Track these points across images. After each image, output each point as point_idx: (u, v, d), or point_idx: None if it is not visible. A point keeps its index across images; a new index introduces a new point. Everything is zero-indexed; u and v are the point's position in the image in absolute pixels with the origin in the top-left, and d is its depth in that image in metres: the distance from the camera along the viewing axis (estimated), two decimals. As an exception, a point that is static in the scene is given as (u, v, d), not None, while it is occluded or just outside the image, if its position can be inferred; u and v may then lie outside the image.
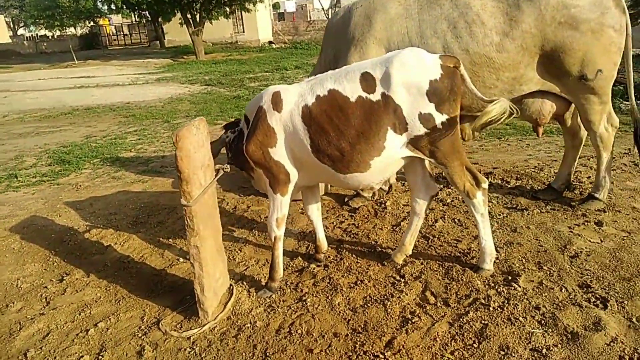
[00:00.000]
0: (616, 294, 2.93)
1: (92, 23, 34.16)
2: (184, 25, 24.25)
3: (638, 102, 8.05)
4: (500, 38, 3.55)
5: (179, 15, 24.30)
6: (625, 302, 2.85)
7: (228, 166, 3.13)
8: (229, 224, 4.37)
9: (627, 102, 8.06)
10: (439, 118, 2.87)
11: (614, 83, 3.79)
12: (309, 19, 37.05)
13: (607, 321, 2.68)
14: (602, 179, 4.00)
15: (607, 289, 2.99)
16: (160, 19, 28.83)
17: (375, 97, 2.86)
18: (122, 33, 44.98)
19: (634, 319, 2.70)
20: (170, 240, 4.15)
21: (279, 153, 3.04)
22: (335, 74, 3.01)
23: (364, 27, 3.90)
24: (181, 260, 3.77)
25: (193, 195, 2.73)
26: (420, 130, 2.88)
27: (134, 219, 4.61)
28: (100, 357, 2.73)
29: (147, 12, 28.85)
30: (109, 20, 44.06)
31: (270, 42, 31.78)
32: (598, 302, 2.88)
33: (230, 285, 3.26)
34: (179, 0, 22.21)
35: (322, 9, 40.26)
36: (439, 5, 3.71)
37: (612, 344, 2.52)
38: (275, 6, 37.24)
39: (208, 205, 2.95)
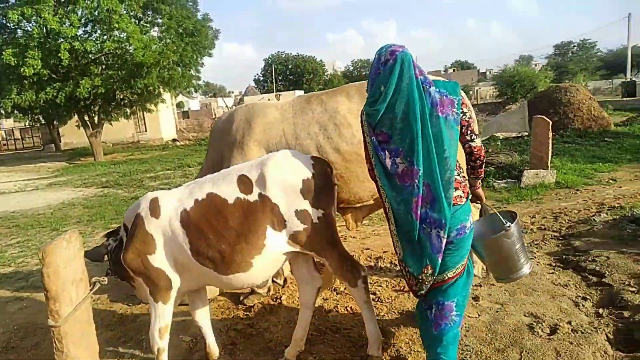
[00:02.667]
0: (493, 366, 3.12)
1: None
2: (82, 127, 23.60)
3: (509, 180, 9.02)
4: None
5: (75, 117, 23.68)
6: (501, 373, 3.04)
7: (106, 278, 3.03)
8: (115, 338, 4.09)
9: (499, 181, 9.04)
10: (315, 213, 3.05)
11: (486, 165, 4.28)
12: (213, 116, 37.93)
13: (486, 394, 2.83)
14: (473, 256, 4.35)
15: (484, 363, 3.19)
16: (55, 122, 27.93)
17: (253, 197, 3.00)
18: (13, 137, 42.72)
19: (508, 389, 2.88)
20: (46, 364, 3.79)
21: (159, 259, 3.01)
22: (213, 178, 3.13)
23: (244, 130, 4.14)
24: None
25: (62, 314, 2.59)
26: (299, 226, 3.03)
27: (4, 345, 4.16)
28: None
29: (40, 116, 27.87)
30: (-1, 125, 41.88)
31: (174, 140, 31.80)
32: (477, 376, 3.04)
33: (110, 408, 3.01)
34: (75, 103, 21.69)
35: (226, 106, 41.56)
36: (310, 110, 4.06)
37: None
38: (179, 105, 37.82)
39: (81, 323, 2.79)
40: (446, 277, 2.73)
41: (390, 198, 2.70)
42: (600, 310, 3.71)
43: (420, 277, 2.71)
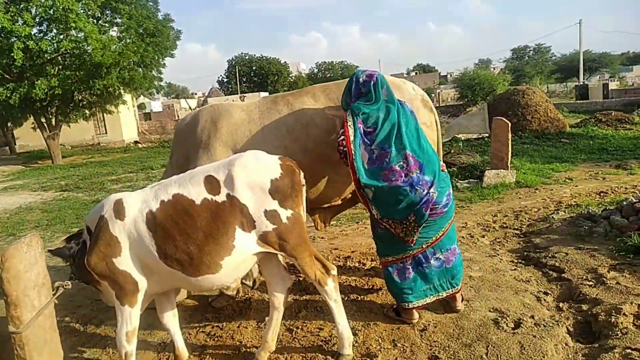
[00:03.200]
0: (460, 361, 3.19)
1: None
2: (38, 129, 22.70)
3: (471, 180, 9.23)
4: (334, 137, 3.95)
5: (31, 119, 22.76)
6: (468, 367, 3.11)
7: (69, 282, 2.94)
8: (79, 343, 3.97)
9: (461, 181, 9.25)
10: (284, 213, 3.05)
11: (448, 165, 4.37)
12: (176, 118, 37.29)
13: (454, 388, 2.89)
14: None
15: (452, 357, 3.25)
16: (9, 124, 26.80)
17: (221, 198, 2.97)
18: (-37, 139, 40.71)
19: (476, 383, 2.95)
20: (4, 374, 3.63)
21: (125, 262, 2.94)
22: (179, 179, 3.09)
23: (210, 132, 4.09)
24: (17, 396, 3.29)
25: (23, 320, 2.50)
26: (268, 226, 3.02)
27: (-40, 355, 3.97)
28: None
29: (-7, 117, 26.68)
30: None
31: (136, 142, 31.11)
32: (446, 371, 3.11)
33: (75, 416, 2.92)
34: (30, 105, 20.83)
35: (189, 108, 40.96)
36: (277, 110, 4.06)
37: (459, 410, 2.71)
38: (141, 106, 36.93)
39: (44, 329, 2.70)
40: (445, 229, 3.67)
41: (363, 173, 3.48)
42: (561, 304, 3.86)
43: (405, 223, 3.46)
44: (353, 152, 3.48)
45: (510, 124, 9.20)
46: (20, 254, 2.56)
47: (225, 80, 68.43)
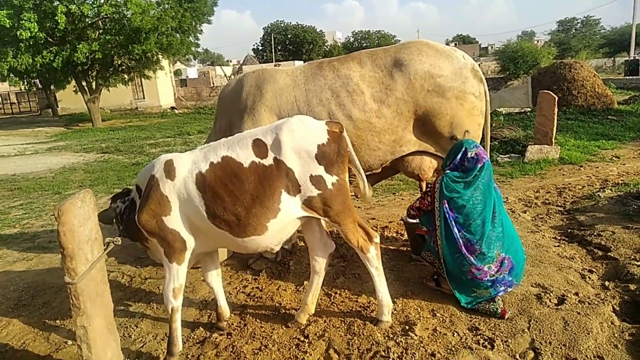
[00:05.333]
0: (501, 334, 3.17)
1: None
2: (79, 93, 23.27)
3: (513, 155, 9.01)
4: (378, 105, 3.89)
5: (73, 82, 23.33)
6: (509, 340, 3.08)
7: (119, 239, 3.01)
8: (125, 298, 4.13)
9: (502, 156, 9.03)
10: (329, 179, 3.04)
11: (490, 139, 4.27)
12: (211, 85, 37.50)
13: (495, 360, 2.87)
14: None
15: (493, 330, 3.23)
16: (52, 87, 27.51)
17: (268, 162, 2.97)
18: (9, 101, 42.13)
19: (517, 356, 2.93)
20: (57, 322, 3.82)
21: (174, 221, 3.01)
22: (227, 142, 3.10)
23: (255, 97, 4.08)
24: (70, 342, 3.47)
25: (78, 272, 2.58)
26: (313, 191, 3.02)
27: (16, 302, 4.20)
28: None
29: (37, 80, 27.43)
30: (-7, 89, 41.24)
31: (172, 108, 31.50)
32: (486, 343, 3.09)
33: (125, 365, 3.05)
34: (72, 68, 21.33)
35: (225, 75, 41.09)
36: (322, 76, 4.01)
37: (499, 381, 2.70)
38: (177, 72, 37.31)
39: (96, 282, 2.79)
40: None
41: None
42: (607, 283, 3.76)
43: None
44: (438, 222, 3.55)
45: (556, 98, 8.84)
46: (75, 208, 2.63)
47: (260, 48, 68.10)
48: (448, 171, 3.51)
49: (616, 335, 3.06)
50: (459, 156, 3.48)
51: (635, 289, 3.59)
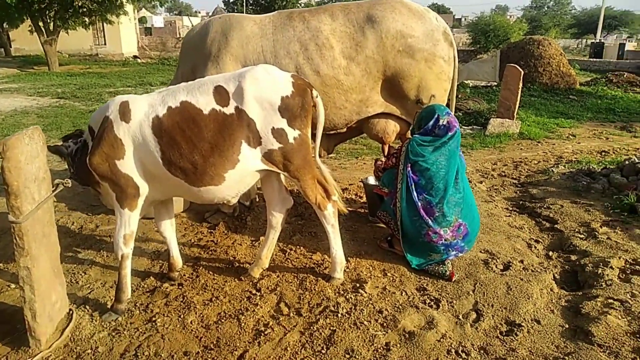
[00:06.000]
0: (447, 295, 3.27)
1: None
2: (35, 33, 21.88)
3: (475, 127, 9.15)
4: (347, 62, 3.82)
5: (28, 21, 21.87)
6: (454, 301, 3.19)
7: (69, 181, 2.90)
8: (74, 244, 4.02)
9: (465, 127, 9.16)
10: (292, 133, 2.99)
11: (456, 110, 4.29)
12: (177, 36, 36.11)
13: (439, 319, 2.97)
14: None
15: (440, 291, 3.33)
16: (5, 25, 25.77)
17: (229, 110, 2.89)
18: (-43, 36, 39.32)
19: (460, 316, 3.04)
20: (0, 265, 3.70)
21: (127, 165, 2.90)
22: (187, 86, 2.99)
23: (220, 44, 3.93)
24: (12, 286, 3.37)
25: (23, 211, 2.48)
26: (274, 144, 2.97)
27: (-44, 244, 4.02)
28: None
29: (-12, 16, 25.61)
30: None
31: (135, 57, 30.23)
32: (432, 303, 3.19)
33: (70, 309, 2.99)
34: (28, 6, 19.93)
35: (192, 26, 39.52)
36: (292, 27, 3.88)
37: (441, 340, 2.80)
38: (142, 20, 35.66)
39: (42, 223, 2.70)
40: None
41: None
42: (550, 253, 3.92)
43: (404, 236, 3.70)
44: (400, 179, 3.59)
45: (522, 73, 8.97)
46: (21, 145, 2.50)
47: (231, 0, 65.65)
48: (417, 135, 3.52)
49: (554, 301, 3.21)
50: (431, 122, 3.49)
51: (576, 259, 3.77)
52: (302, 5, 59.94)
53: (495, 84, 14.32)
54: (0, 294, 3.28)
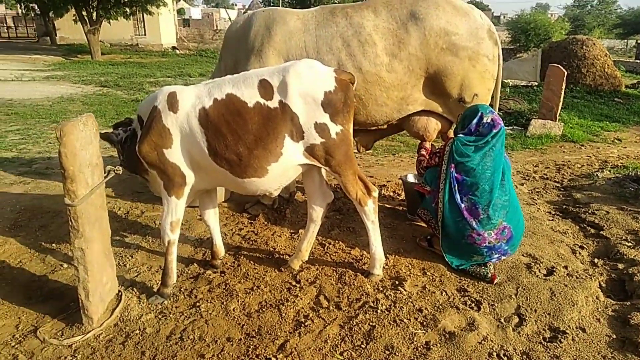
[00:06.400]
0: (488, 298, 3.23)
1: (-31, 10, 30.79)
2: (79, 23, 22.54)
3: (516, 127, 8.94)
4: (390, 59, 3.80)
5: (73, 11, 22.55)
6: (496, 304, 3.15)
7: (120, 168, 2.99)
8: (121, 229, 4.15)
9: (506, 127, 8.96)
10: (334, 128, 3.00)
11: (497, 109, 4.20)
12: (215, 28, 36.58)
13: (480, 322, 2.94)
14: None
15: (481, 293, 3.29)
16: (51, 14, 26.62)
17: (273, 104, 2.92)
18: (5, 25, 40.88)
19: (502, 319, 2.99)
20: (53, 245, 3.85)
21: (175, 155, 2.97)
22: (233, 79, 3.03)
23: (263, 38, 3.96)
24: (65, 265, 3.51)
25: (78, 195, 2.58)
26: (316, 139, 2.98)
27: (12, 223, 4.21)
28: (-39, 371, 2.45)
29: (35, 5, 26.49)
30: (-10, 9, 39.92)
31: (173, 48, 30.76)
32: (473, 304, 3.15)
33: (119, 291, 3.10)
34: (72, -4, 20.62)
35: (229, 18, 39.98)
36: (334, 22, 3.87)
37: (482, 342, 2.77)
38: (180, 12, 36.23)
39: (95, 207, 2.79)
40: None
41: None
42: (596, 260, 3.81)
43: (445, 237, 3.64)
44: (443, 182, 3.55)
45: (566, 74, 8.72)
46: (77, 131, 2.59)
47: (268, -7, 65.92)
48: (461, 135, 3.48)
49: (600, 309, 3.12)
50: (475, 121, 3.44)
51: (623, 268, 3.65)
52: (336, 1, 59.75)
53: (536, 83, 13.96)
54: (54, 272, 3.43)
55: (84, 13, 22.14)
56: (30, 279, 3.35)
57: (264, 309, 3.03)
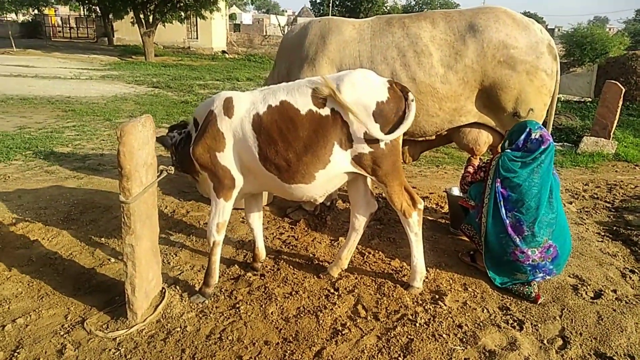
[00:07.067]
0: (531, 318, 3.14)
1: (36, 11, 32.59)
2: (136, 25, 23.55)
3: (566, 144, 8.65)
4: (445, 70, 3.77)
5: (131, 14, 23.62)
6: (539, 325, 3.05)
7: (172, 168, 3.10)
8: (166, 227, 4.28)
9: (555, 143, 8.68)
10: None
11: (545, 124, 4.10)
12: (264, 33, 37.26)
13: (522, 342, 2.86)
14: None
15: (524, 312, 3.21)
16: (111, 16, 27.90)
17: (325, 112, 2.95)
18: (68, 25, 42.98)
19: (545, 341, 2.91)
20: (102, 239, 4.02)
21: (227, 158, 3.06)
22: (287, 86, 3.09)
23: (318, 47, 4.01)
24: (112, 260, 3.66)
25: (133, 193, 2.69)
26: (365, 148, 3.00)
27: (65, 215, 4.42)
28: (16, 354, 2.59)
29: (97, 7, 27.84)
30: (55, 11, 42.09)
31: (223, 52, 31.54)
32: (515, 323, 3.07)
33: (163, 288, 3.20)
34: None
35: (279, 25, 40.63)
36: (390, 32, 3.88)
37: (524, 362, 2.70)
38: (232, 17, 37.16)
39: (147, 205, 2.91)
40: None
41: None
42: (648, 285, 3.64)
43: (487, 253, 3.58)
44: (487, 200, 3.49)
45: (623, 90, 8.37)
46: (136, 131, 2.71)
47: (317, 1, 66.61)
48: (508, 151, 3.42)
49: (651, 337, 2.98)
50: (523, 136, 3.37)
51: (678, 296, 3.47)
52: (388, 8, 59.62)
53: (590, 100, 13.45)
54: (102, 266, 3.58)
55: (142, 16, 23.12)
56: (80, 271, 3.51)
57: (301, 315, 3.06)
